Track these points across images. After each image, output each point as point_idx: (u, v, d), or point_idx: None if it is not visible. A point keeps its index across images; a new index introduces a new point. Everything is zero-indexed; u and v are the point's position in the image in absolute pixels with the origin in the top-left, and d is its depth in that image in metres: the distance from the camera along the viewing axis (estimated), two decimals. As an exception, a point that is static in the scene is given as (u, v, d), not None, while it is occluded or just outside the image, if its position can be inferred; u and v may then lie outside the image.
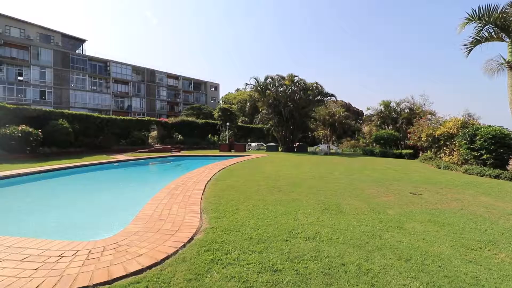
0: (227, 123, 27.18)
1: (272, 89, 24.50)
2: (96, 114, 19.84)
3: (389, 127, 24.99)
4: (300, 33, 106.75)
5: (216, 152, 20.67)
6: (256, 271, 2.39)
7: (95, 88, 44.78)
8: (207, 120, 30.72)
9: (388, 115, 25.21)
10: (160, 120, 27.15)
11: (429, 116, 21.31)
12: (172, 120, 27.02)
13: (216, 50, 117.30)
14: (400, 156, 19.17)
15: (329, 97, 26.06)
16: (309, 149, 25.33)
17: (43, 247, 2.84)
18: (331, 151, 22.82)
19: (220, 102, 64.06)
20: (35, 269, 2.37)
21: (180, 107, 56.66)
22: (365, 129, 30.93)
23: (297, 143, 25.78)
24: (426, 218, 4.22)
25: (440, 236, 3.44)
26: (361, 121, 44.10)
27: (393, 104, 25.39)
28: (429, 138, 15.99)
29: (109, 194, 7.58)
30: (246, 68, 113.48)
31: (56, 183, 8.82)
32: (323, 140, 35.27)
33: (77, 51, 45.01)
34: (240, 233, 3.27)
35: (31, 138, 13.05)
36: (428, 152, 16.63)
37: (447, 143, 14.36)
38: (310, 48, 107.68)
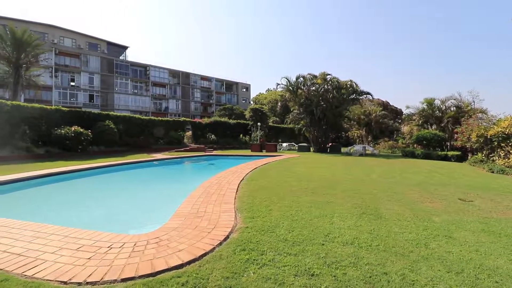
0: (258, 123, 27.34)
1: (304, 88, 24.09)
2: (137, 116, 21.31)
3: (433, 127, 23.07)
4: (334, 31, 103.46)
5: (248, 152, 20.91)
6: (293, 274, 2.36)
7: (136, 91, 48.13)
8: (238, 121, 31.24)
9: (432, 114, 23.27)
10: (194, 120, 28.25)
11: (479, 115, 19.25)
12: (205, 120, 27.94)
13: (247, 51, 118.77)
14: (446, 158, 17.60)
15: (365, 96, 24.88)
16: (343, 149, 24.43)
17: (94, 238, 3.11)
18: (367, 152, 21.77)
19: (251, 102, 64.70)
20: (88, 259, 2.60)
21: (213, 108, 58.37)
22: (405, 129, 28.94)
23: (330, 144, 25.04)
24: (479, 227, 3.81)
25: (497, 248, 3.08)
26: (400, 121, 41.36)
27: (437, 102, 23.35)
28: (480, 139, 14.45)
29: (150, 190, 8.07)
30: (277, 68, 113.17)
31: (104, 179, 9.64)
32: (357, 140, 33.78)
33: (120, 58, 48.75)
34: (275, 234, 3.26)
35: (82, 138, 14.43)
36: (479, 154, 15.03)
37: (502, 144, 12.85)
38: (344, 46, 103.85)
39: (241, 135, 28.45)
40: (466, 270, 2.55)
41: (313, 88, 23.90)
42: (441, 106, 23.07)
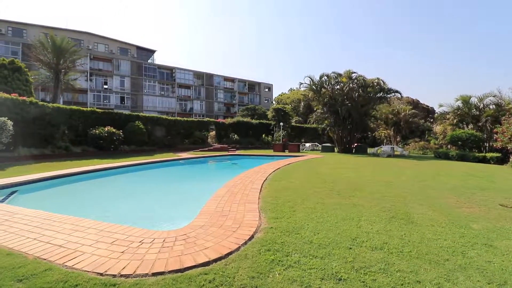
0: (281, 123, 27.19)
1: (328, 87, 23.53)
2: (164, 116, 22.17)
3: (469, 127, 21.42)
4: (359, 29, 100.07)
5: (270, 152, 20.89)
6: (319, 277, 2.31)
7: (163, 93, 50.10)
8: (261, 121, 31.31)
9: (468, 113, 21.61)
10: (218, 121, 28.79)
11: (523, 113, 17.52)
12: (228, 120, 28.36)
13: (270, 51, 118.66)
14: (484, 160, 16.26)
15: (393, 94, 23.71)
16: (369, 150, 23.52)
17: (127, 233, 3.27)
18: (396, 153, 20.77)
19: (274, 102, 64.51)
20: (122, 252, 2.75)
21: (236, 108, 59.06)
22: (437, 128, 27.18)
23: (355, 144, 24.24)
24: (526, 237, 3.48)
25: (547, 261, 2.79)
26: (431, 120, 38.96)
27: (473, 100, 21.61)
28: (525, 140, 13.17)
29: (177, 188, 8.37)
30: (300, 68, 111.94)
31: (134, 176, 10.15)
32: (385, 141, 32.37)
33: (148, 61, 51.01)
34: (300, 235, 3.22)
35: (115, 138, 15.31)
36: (524, 156, 13.72)
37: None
38: (371, 45, 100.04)
39: (263, 135, 28.51)
40: (509, 282, 2.34)
41: (338, 87, 23.26)
42: (479, 104, 21.32)
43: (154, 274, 2.31)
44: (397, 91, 22.94)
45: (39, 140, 12.78)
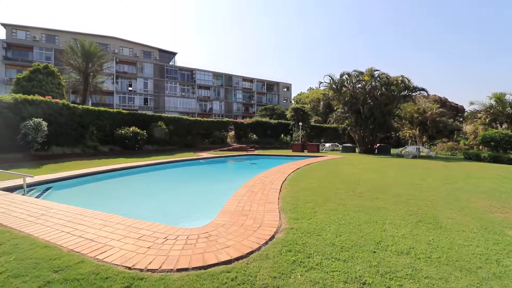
0: (300, 123, 26.91)
1: (349, 86, 22.94)
2: (185, 117, 22.73)
3: (503, 126, 19.97)
4: (380, 25, 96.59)
5: (289, 152, 20.74)
6: (342, 280, 2.27)
7: (183, 94, 51.39)
8: (279, 120, 31.18)
9: (502, 111, 20.15)
10: (237, 121, 29.04)
11: None
12: (247, 120, 28.52)
13: (288, 50, 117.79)
14: (521, 162, 15.06)
15: (418, 92, 22.64)
16: (393, 151, 22.65)
17: (152, 229, 3.40)
18: (421, 153, 19.83)
19: (292, 102, 64.01)
20: (148, 248, 2.86)
21: (254, 108, 59.25)
22: (468, 128, 25.58)
23: (378, 144, 23.43)
24: None
25: None
26: (461, 119, 36.73)
27: (509, 97, 20.14)
28: None
29: (198, 187, 8.56)
30: (319, 67, 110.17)
31: (157, 175, 10.52)
32: (410, 141, 30.97)
33: (170, 63, 52.53)
34: (321, 237, 3.17)
35: (139, 138, 15.93)
36: None
37: None
38: (392, 42, 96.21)
39: (282, 135, 28.35)
40: (554, 295, 2.16)
41: (359, 85, 22.62)
42: (515, 101, 19.83)
43: (178, 270, 2.38)
44: (422, 89, 21.88)
45: (71, 140, 13.60)
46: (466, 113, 30.22)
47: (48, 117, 12.17)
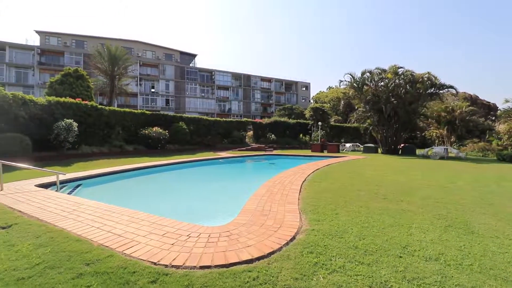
0: (319, 123, 26.49)
1: (371, 84, 22.23)
2: (205, 117, 23.15)
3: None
4: (404, 22, 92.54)
5: (308, 152, 20.48)
6: (367, 284, 2.20)
7: (203, 94, 52.41)
8: (298, 120, 30.88)
9: (543, 109, 18.60)
10: (255, 121, 29.12)
11: None
12: (265, 120, 28.51)
13: (307, 49, 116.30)
14: None
15: (446, 90, 21.49)
16: (418, 152, 21.65)
17: (176, 226, 3.50)
18: (450, 154, 18.77)
19: (311, 101, 63.12)
20: (172, 244, 2.94)
21: (273, 108, 59.13)
22: (501, 127, 23.82)
23: (402, 145, 22.51)
24: None
25: None
26: (493, 118, 34.36)
27: (552, 94, 18.50)
28: None
29: (218, 186, 8.69)
30: (339, 65, 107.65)
31: (179, 173, 10.81)
32: (437, 141, 29.43)
33: (190, 65, 53.77)
34: (344, 240, 3.10)
35: (161, 137, 16.46)
36: None
37: None
38: (416, 39, 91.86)
39: (301, 135, 28.06)
40: None
41: (382, 83, 21.85)
42: (558, 98, 18.21)
43: (201, 267, 2.43)
44: (451, 86, 20.71)
45: (98, 139, 14.33)
46: (499, 111, 28.18)
47: (78, 118, 12.91)
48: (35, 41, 42.59)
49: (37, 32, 42.45)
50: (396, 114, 20.76)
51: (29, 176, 7.40)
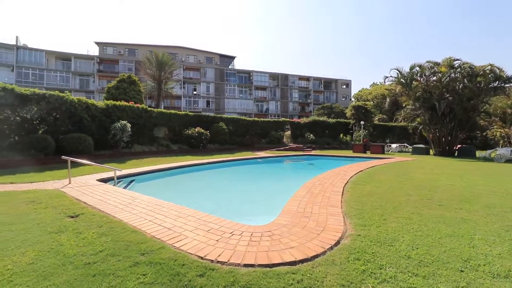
0: (361, 122, 25.14)
1: (421, 79, 20.40)
2: (243, 117, 23.62)
3: None
4: (453, 11, 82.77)
5: (349, 152, 19.58)
6: (422, 298, 2.03)
7: (241, 95, 53.53)
8: (338, 120, 29.73)
9: None
10: (293, 120, 28.77)
11: None
12: (304, 120, 28.01)
13: (347, 46, 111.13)
14: None
15: (513, 82, 18.72)
16: (478, 153, 19.23)
17: (219, 224, 3.63)
18: (519, 157, 16.30)
19: (352, 99, 60.28)
20: (216, 241, 3.06)
21: (311, 107, 57.87)
22: None
23: (459, 146, 20.23)
24: None
25: None
26: None
27: None
28: None
29: (257, 185, 8.81)
30: (383, 60, 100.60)
31: (220, 172, 11.23)
32: (501, 142, 25.80)
33: (229, 67, 55.34)
34: (394, 248, 2.90)
35: (203, 137, 17.24)
36: None
37: None
38: (466, 30, 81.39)
39: (341, 135, 26.97)
40: None
41: (434, 78, 19.93)
42: None
43: (245, 266, 2.48)
44: (521, 79, 17.98)
45: (148, 139, 15.57)
46: None
47: (131, 119, 14.18)
48: (95, 51, 47.97)
49: (96, 43, 47.73)
50: (451, 112, 18.76)
51: (91, 171, 8.36)
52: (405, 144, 24.07)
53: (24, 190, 5.72)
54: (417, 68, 20.21)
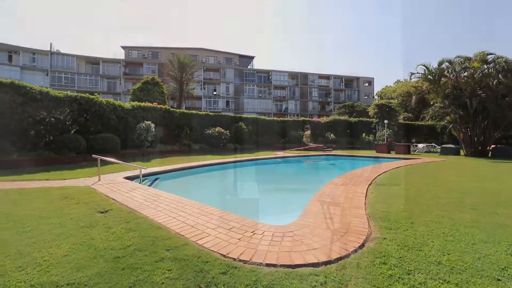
0: (385, 121, 24.21)
1: (450, 75, 19.27)
2: (262, 117, 23.65)
3: None
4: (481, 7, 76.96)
5: (372, 153, 18.95)
6: (456, 307, 1.92)
7: (260, 95, 53.58)
8: (360, 118, 28.85)
9: None
10: (313, 120, 28.35)
11: None
12: (324, 119, 27.50)
13: (369, 41, 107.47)
14: None
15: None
16: (516, 154, 17.81)
17: (241, 222, 3.66)
18: None
19: (375, 97, 58.29)
20: (238, 239, 3.09)
21: (331, 106, 56.68)
22: None
23: (493, 146, 18.87)
24: None
25: None
26: None
27: None
28: None
29: (277, 185, 8.79)
30: (407, 56, 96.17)
31: (240, 171, 11.32)
32: (544, 141, 23.71)
33: (248, 67, 55.61)
34: (423, 253, 2.76)
35: (223, 137, 17.48)
36: None
37: None
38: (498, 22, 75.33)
39: (363, 134, 26.15)
40: None
41: (465, 73, 18.73)
42: None
43: (267, 265, 2.48)
44: None
45: (170, 139, 16.06)
46: None
47: (155, 120, 14.70)
48: (121, 55, 50.22)
49: (122, 47, 49.99)
50: (485, 109, 17.55)
51: (118, 169, 8.76)
52: (433, 144, 22.85)
53: (58, 187, 6.12)
54: (446, 64, 19.10)
